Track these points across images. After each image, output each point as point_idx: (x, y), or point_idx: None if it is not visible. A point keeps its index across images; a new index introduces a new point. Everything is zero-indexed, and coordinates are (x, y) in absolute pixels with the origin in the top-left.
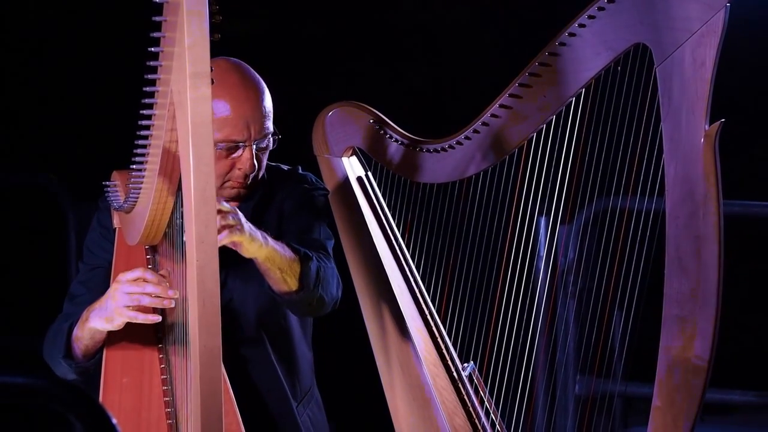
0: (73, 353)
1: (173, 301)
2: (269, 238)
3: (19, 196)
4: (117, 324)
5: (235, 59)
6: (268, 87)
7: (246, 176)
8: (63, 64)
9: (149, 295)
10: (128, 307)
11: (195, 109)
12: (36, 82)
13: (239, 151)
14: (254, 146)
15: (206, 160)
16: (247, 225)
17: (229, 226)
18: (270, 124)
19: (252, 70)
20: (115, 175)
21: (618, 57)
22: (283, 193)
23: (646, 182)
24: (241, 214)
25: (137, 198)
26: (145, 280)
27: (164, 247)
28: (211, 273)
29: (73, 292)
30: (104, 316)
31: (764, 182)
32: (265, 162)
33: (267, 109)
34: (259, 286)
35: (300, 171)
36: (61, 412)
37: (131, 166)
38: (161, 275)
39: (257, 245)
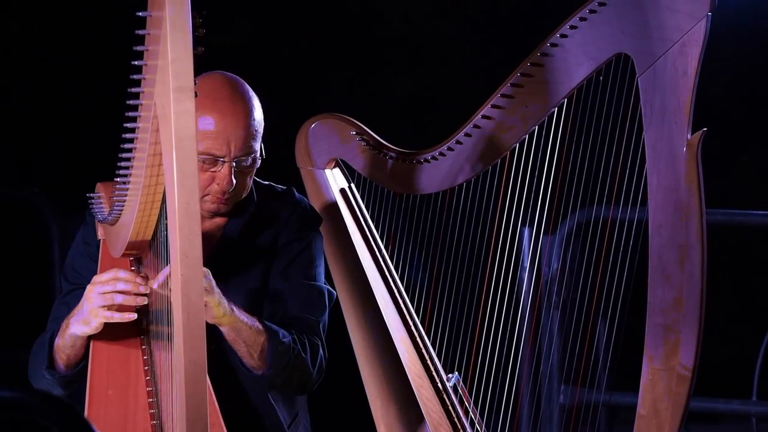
0: (55, 364)
1: (146, 298)
2: (236, 310)
3: (1, 209)
4: (94, 326)
5: (233, 75)
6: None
7: (223, 192)
8: (45, 75)
9: (122, 293)
10: (103, 307)
11: (178, 123)
12: (18, 94)
13: (218, 166)
14: (234, 163)
15: (190, 174)
16: (217, 290)
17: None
18: (255, 145)
19: (247, 88)
20: (99, 186)
21: (600, 67)
22: (279, 219)
23: (629, 192)
24: (212, 280)
25: (121, 210)
26: (117, 279)
27: (149, 258)
28: (195, 287)
29: (56, 312)
30: (81, 320)
31: (747, 191)
32: (249, 182)
33: (253, 129)
34: (246, 303)
35: (296, 195)
36: (45, 426)
37: (115, 179)
38: (137, 274)
39: (222, 311)
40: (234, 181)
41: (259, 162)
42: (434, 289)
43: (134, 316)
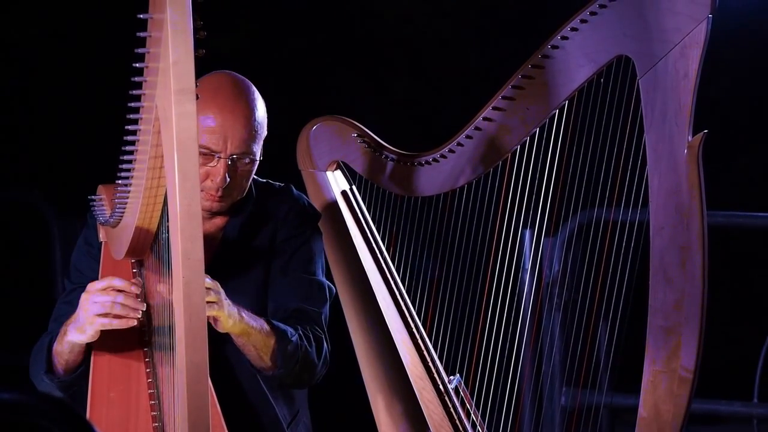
0: (54, 368)
1: (141, 312)
2: (245, 315)
3: (3, 210)
4: (90, 334)
5: (241, 76)
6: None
7: (217, 189)
8: (47, 77)
9: (119, 304)
10: (99, 315)
11: (180, 125)
12: (19, 96)
13: (214, 161)
14: (229, 161)
15: (191, 175)
16: (227, 301)
17: (210, 302)
18: (254, 146)
19: (252, 90)
20: (100, 189)
21: (601, 69)
22: (277, 217)
23: (630, 194)
24: (222, 291)
25: (123, 212)
26: (113, 288)
27: (151, 261)
28: (197, 288)
29: (58, 311)
30: (77, 328)
31: (748, 192)
32: (245, 184)
33: (253, 130)
34: (250, 304)
35: (294, 192)
36: (48, 428)
37: (117, 181)
38: (132, 282)
39: (232, 321)
40: (228, 179)
41: (257, 165)
42: (436, 291)
43: (134, 322)
